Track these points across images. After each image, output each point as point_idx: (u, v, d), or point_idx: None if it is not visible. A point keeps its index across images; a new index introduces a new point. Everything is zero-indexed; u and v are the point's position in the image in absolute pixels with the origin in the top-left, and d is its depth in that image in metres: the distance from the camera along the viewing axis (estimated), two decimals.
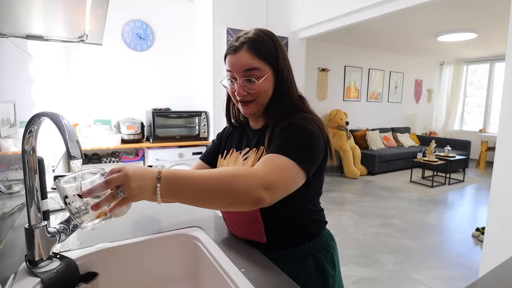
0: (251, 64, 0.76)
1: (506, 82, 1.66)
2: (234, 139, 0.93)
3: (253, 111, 0.81)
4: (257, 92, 0.78)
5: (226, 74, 0.81)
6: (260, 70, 0.77)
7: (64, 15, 0.83)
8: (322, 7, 3.13)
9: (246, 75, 0.77)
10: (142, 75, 3.44)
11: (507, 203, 1.67)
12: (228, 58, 0.79)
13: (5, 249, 0.76)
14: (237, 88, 0.78)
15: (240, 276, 0.64)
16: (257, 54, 0.76)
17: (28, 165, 0.61)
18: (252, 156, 0.81)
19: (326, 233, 0.87)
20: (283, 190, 0.64)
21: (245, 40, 0.77)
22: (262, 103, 0.81)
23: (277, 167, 0.64)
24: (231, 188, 0.58)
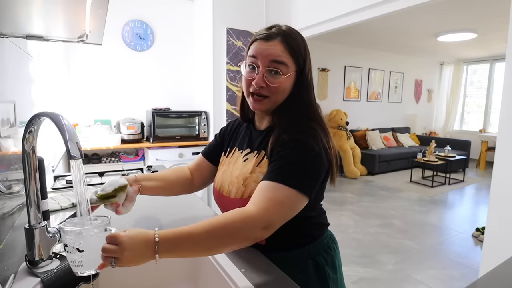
0: (280, 57, 0.72)
1: (506, 82, 1.66)
2: (238, 137, 0.90)
3: (264, 108, 0.77)
4: (276, 88, 0.73)
5: (246, 60, 0.76)
6: (287, 66, 0.73)
7: (64, 15, 0.83)
8: (322, 7, 3.13)
9: (271, 66, 0.72)
10: (142, 75, 3.44)
11: (507, 203, 1.67)
12: (256, 44, 0.75)
13: (5, 249, 0.76)
14: (256, 78, 0.73)
15: (240, 276, 0.64)
16: (289, 49, 0.73)
17: (28, 165, 0.61)
18: (252, 160, 0.78)
19: (328, 235, 0.85)
20: (281, 223, 0.64)
21: (279, 31, 0.74)
22: (275, 102, 0.76)
23: (274, 204, 0.62)
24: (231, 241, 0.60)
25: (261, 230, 0.60)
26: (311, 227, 0.80)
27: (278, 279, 0.64)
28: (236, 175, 0.79)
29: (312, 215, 0.80)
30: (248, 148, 0.82)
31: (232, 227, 0.59)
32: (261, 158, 0.77)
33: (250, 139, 0.85)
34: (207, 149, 0.99)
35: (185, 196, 1.00)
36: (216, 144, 0.97)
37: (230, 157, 0.87)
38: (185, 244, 0.57)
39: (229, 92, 3.23)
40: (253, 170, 0.76)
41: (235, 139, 0.91)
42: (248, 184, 0.75)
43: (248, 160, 0.80)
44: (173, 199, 1.01)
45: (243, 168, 0.79)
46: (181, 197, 0.99)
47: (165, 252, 0.55)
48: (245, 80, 0.77)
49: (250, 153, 0.81)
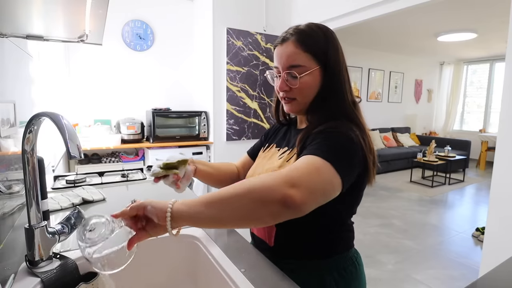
0: (294, 59, 0.71)
1: (506, 82, 1.66)
2: (278, 135, 0.92)
3: (295, 109, 0.77)
4: (299, 89, 0.72)
5: (273, 69, 0.78)
6: (303, 67, 0.71)
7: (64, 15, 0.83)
8: (322, 7, 3.13)
9: (289, 69, 0.72)
10: (142, 75, 3.44)
11: (507, 203, 1.67)
12: (275, 50, 0.76)
13: (5, 249, 0.76)
14: (278, 83, 0.75)
15: (240, 276, 0.64)
16: (303, 47, 0.71)
17: (28, 165, 0.61)
18: (284, 156, 0.77)
19: (348, 256, 0.77)
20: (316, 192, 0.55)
21: (294, 31, 0.73)
22: (304, 102, 0.75)
23: (307, 166, 0.56)
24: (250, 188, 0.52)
25: (289, 187, 0.51)
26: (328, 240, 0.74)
27: (278, 279, 0.64)
28: (267, 169, 0.79)
29: (336, 228, 0.75)
30: (285, 146, 0.82)
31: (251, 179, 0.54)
32: (293, 154, 0.75)
33: (289, 137, 0.85)
34: (252, 149, 1.02)
35: (186, 195, 0.99)
36: (260, 144, 1.00)
37: (266, 152, 0.89)
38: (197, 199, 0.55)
39: (229, 92, 3.23)
40: (282, 165, 0.75)
41: (275, 137, 0.93)
42: None
43: (283, 157, 0.79)
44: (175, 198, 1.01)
45: (274, 163, 0.79)
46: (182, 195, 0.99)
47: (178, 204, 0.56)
48: (275, 89, 0.79)
49: (287, 150, 0.80)
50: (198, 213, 0.54)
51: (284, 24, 3.52)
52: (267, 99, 3.48)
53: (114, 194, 1.25)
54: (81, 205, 1.10)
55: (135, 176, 1.53)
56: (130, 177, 1.50)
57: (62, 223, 0.68)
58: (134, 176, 1.53)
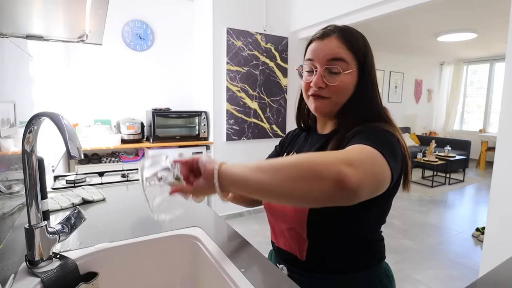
0: (337, 54, 0.68)
1: (506, 82, 1.66)
2: (297, 143, 0.86)
3: (325, 109, 0.72)
4: (336, 88, 0.69)
5: (304, 64, 0.73)
6: (346, 63, 0.68)
7: (64, 15, 0.83)
8: (322, 7, 3.13)
9: (329, 64, 0.68)
10: (142, 75, 3.44)
11: (507, 203, 1.67)
12: (312, 45, 0.72)
13: (5, 249, 0.76)
14: (314, 78, 0.69)
15: (240, 276, 0.64)
16: (347, 43, 0.68)
17: (28, 165, 0.61)
18: None
19: (382, 268, 0.75)
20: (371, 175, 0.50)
21: (336, 28, 0.70)
22: (337, 103, 0.71)
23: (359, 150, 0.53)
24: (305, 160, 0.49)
25: (346, 165, 0.46)
26: (360, 252, 0.71)
27: (278, 279, 0.64)
28: None
29: (367, 236, 0.72)
30: (308, 151, 0.77)
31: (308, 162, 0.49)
32: None
33: (311, 143, 0.80)
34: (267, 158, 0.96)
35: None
36: (275, 155, 0.93)
37: None
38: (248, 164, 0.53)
39: (229, 92, 3.23)
40: None
41: (293, 145, 0.87)
42: None
43: None
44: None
45: None
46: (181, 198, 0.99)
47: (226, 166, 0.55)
48: (304, 85, 0.74)
49: None
50: (246, 175, 0.51)
51: (284, 24, 3.52)
52: (267, 99, 3.48)
53: (114, 194, 1.25)
54: (81, 205, 1.10)
55: (135, 176, 1.53)
56: (130, 177, 1.51)
57: (62, 223, 0.68)
58: (134, 176, 1.53)
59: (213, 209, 1.13)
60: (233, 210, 3.33)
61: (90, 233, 0.85)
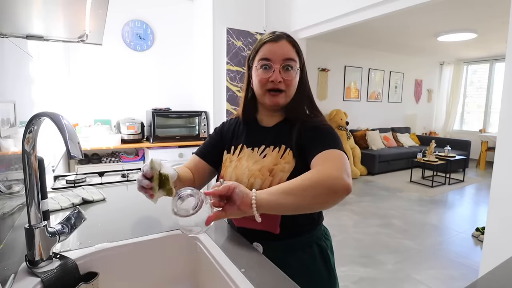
0: (290, 54, 0.83)
1: (506, 82, 1.66)
2: (240, 135, 0.93)
3: (281, 102, 0.84)
4: (290, 82, 0.83)
5: (258, 63, 0.84)
6: (296, 62, 0.84)
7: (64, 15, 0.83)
8: (322, 7, 3.13)
9: (285, 63, 0.82)
10: (142, 75, 3.44)
11: (507, 203, 1.67)
12: (266, 46, 0.83)
13: (5, 249, 0.76)
14: (273, 75, 0.82)
15: (240, 276, 0.64)
16: (295, 47, 0.85)
17: (28, 165, 0.61)
18: (273, 154, 0.84)
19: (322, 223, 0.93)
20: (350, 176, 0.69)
21: (283, 33, 0.85)
22: (289, 95, 0.85)
23: (339, 159, 0.71)
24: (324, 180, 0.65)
25: (347, 177, 0.66)
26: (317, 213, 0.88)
27: (278, 279, 0.64)
28: (258, 168, 0.82)
29: None
30: (262, 144, 0.87)
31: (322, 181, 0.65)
32: (283, 150, 0.83)
33: (259, 136, 0.89)
34: (203, 150, 0.99)
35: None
36: (214, 144, 0.98)
37: (238, 154, 0.90)
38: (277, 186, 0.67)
39: (229, 92, 3.23)
40: (277, 162, 0.82)
41: (237, 137, 0.94)
42: (276, 174, 0.80)
43: (268, 154, 0.84)
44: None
45: (265, 161, 0.83)
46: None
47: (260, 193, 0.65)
48: (260, 80, 0.84)
49: (266, 148, 0.86)
50: (280, 201, 0.65)
51: (284, 24, 3.52)
52: None
53: (114, 194, 1.25)
54: (81, 205, 1.10)
55: (135, 176, 1.53)
56: (130, 177, 1.51)
57: (62, 223, 0.68)
58: (134, 176, 1.53)
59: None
60: None
61: (90, 233, 0.85)
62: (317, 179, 0.65)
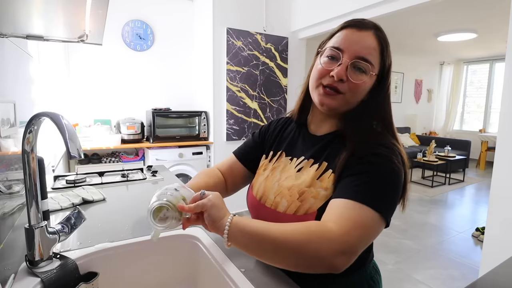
0: (370, 53, 0.63)
1: (506, 82, 1.66)
2: (283, 140, 0.79)
3: (335, 105, 0.66)
4: (356, 86, 0.63)
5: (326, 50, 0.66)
6: (373, 66, 0.64)
7: (64, 15, 0.83)
8: (322, 7, 3.13)
9: (358, 61, 0.63)
10: (142, 75, 3.44)
11: (507, 203, 1.67)
12: (344, 32, 0.65)
13: (5, 249, 0.76)
14: (338, 68, 0.63)
15: (240, 276, 0.64)
16: (381, 46, 0.64)
17: (28, 165, 0.61)
18: (310, 171, 0.67)
19: (372, 265, 0.75)
20: (360, 251, 0.54)
21: (374, 25, 0.65)
22: (349, 102, 0.66)
23: (357, 226, 0.53)
24: (300, 250, 0.52)
25: (340, 255, 0.50)
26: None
27: (278, 279, 0.64)
28: (288, 186, 0.68)
29: None
30: (302, 155, 0.71)
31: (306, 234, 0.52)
32: (323, 170, 0.66)
33: (303, 145, 0.74)
34: (242, 150, 0.86)
35: None
36: (254, 146, 0.85)
37: (274, 162, 0.77)
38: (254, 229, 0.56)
39: (229, 92, 3.23)
40: (312, 184, 0.65)
41: (280, 141, 0.80)
42: (306, 199, 0.64)
43: (304, 170, 0.69)
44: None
45: (298, 179, 0.68)
46: None
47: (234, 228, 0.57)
48: (319, 71, 0.66)
49: (304, 160, 0.70)
50: (248, 246, 0.57)
51: (284, 24, 3.52)
52: (267, 99, 3.48)
53: (114, 194, 1.25)
54: (81, 205, 1.10)
55: (135, 176, 1.53)
56: (130, 177, 1.51)
57: (62, 223, 0.69)
58: (134, 176, 1.53)
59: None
60: (233, 210, 3.32)
61: (90, 233, 0.85)
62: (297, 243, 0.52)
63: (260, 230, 0.55)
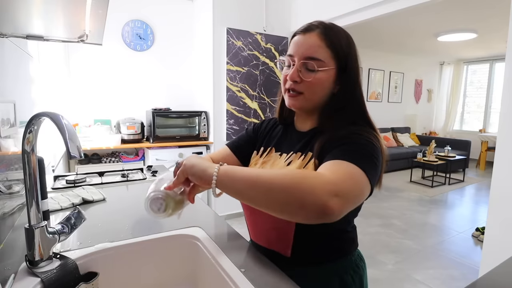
0: (315, 51, 0.68)
1: (506, 82, 1.66)
2: (273, 137, 0.85)
3: (298, 105, 0.73)
4: (310, 84, 0.69)
5: (285, 59, 0.74)
6: (322, 62, 0.68)
7: (64, 15, 0.83)
8: (322, 7, 3.13)
9: (306, 61, 0.69)
10: (142, 75, 3.44)
11: (507, 203, 1.67)
12: (294, 39, 0.72)
13: (5, 249, 0.76)
14: (291, 72, 0.70)
15: (240, 276, 0.64)
16: (327, 41, 0.68)
17: (28, 165, 0.61)
18: (297, 161, 0.72)
19: (357, 253, 0.79)
20: (352, 202, 0.54)
21: (320, 25, 0.70)
22: (311, 99, 0.72)
23: (347, 174, 0.55)
24: (295, 187, 0.51)
25: (333, 196, 0.50)
26: (341, 242, 0.75)
27: (278, 279, 0.64)
28: None
29: (348, 229, 0.75)
30: (290, 150, 0.77)
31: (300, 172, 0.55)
32: (308, 159, 0.71)
33: (291, 141, 0.80)
34: (236, 142, 0.91)
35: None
36: (248, 140, 0.90)
37: (264, 156, 0.82)
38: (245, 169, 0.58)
39: (229, 92, 3.23)
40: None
41: (270, 139, 0.86)
42: None
43: (293, 161, 0.74)
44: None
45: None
46: None
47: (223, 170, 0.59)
48: (283, 78, 0.75)
49: (292, 155, 0.75)
50: (240, 191, 0.57)
51: (284, 24, 3.52)
52: (267, 99, 3.48)
53: (114, 194, 1.25)
54: (81, 205, 1.10)
55: (135, 176, 1.53)
56: (130, 177, 1.51)
57: (62, 223, 0.69)
58: (134, 176, 1.53)
59: (213, 209, 1.13)
60: (233, 210, 3.33)
61: (90, 233, 0.85)
62: (291, 182, 0.51)
63: (252, 174, 0.56)
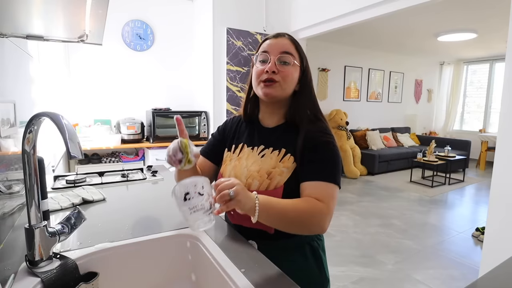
0: (288, 48, 0.84)
1: (506, 82, 1.66)
2: (242, 134, 0.95)
3: (274, 93, 0.84)
4: (285, 74, 0.83)
5: (258, 57, 0.87)
6: (294, 57, 0.84)
7: (64, 15, 0.83)
8: (322, 7, 3.13)
9: (281, 56, 0.83)
10: (142, 75, 3.44)
11: (507, 203, 1.67)
12: (267, 41, 0.87)
13: (5, 249, 0.76)
14: (269, 65, 0.83)
15: (240, 276, 0.64)
16: (294, 44, 0.87)
17: (28, 165, 0.61)
18: (272, 156, 0.85)
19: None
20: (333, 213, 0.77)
21: (286, 34, 0.89)
22: (285, 89, 0.84)
23: (331, 200, 0.76)
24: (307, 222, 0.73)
25: (327, 222, 0.74)
26: None
27: (278, 279, 0.64)
28: (257, 170, 0.84)
29: None
30: (262, 144, 0.88)
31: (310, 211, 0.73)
32: (283, 154, 0.84)
33: (259, 136, 0.90)
34: (206, 149, 1.01)
35: None
36: (216, 143, 1.00)
37: (238, 153, 0.91)
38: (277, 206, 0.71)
39: (229, 92, 3.23)
40: (276, 166, 0.83)
41: (238, 136, 0.95)
42: (274, 177, 0.82)
43: (266, 155, 0.86)
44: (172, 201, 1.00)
45: (264, 163, 0.85)
46: None
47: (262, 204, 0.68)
48: (257, 72, 0.85)
49: (265, 149, 0.87)
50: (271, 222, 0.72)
51: (284, 24, 3.52)
52: None
53: (114, 194, 1.25)
54: (81, 205, 1.10)
55: (135, 176, 1.53)
56: (130, 177, 1.51)
57: (62, 223, 0.68)
58: (134, 176, 1.53)
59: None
60: None
61: (90, 233, 0.85)
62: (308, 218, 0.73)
63: (280, 210, 0.72)
